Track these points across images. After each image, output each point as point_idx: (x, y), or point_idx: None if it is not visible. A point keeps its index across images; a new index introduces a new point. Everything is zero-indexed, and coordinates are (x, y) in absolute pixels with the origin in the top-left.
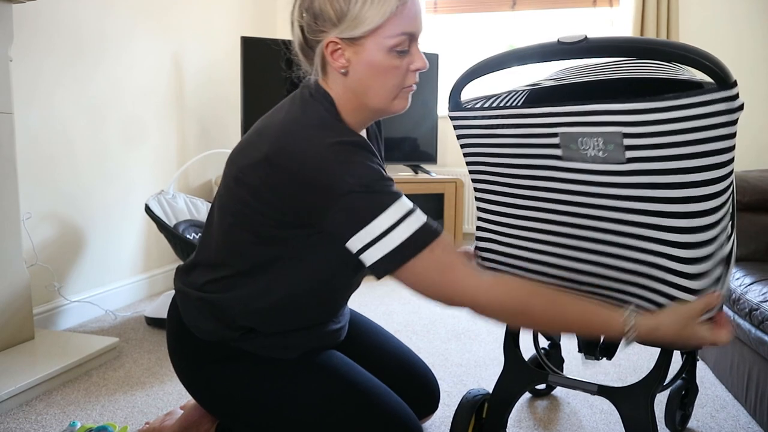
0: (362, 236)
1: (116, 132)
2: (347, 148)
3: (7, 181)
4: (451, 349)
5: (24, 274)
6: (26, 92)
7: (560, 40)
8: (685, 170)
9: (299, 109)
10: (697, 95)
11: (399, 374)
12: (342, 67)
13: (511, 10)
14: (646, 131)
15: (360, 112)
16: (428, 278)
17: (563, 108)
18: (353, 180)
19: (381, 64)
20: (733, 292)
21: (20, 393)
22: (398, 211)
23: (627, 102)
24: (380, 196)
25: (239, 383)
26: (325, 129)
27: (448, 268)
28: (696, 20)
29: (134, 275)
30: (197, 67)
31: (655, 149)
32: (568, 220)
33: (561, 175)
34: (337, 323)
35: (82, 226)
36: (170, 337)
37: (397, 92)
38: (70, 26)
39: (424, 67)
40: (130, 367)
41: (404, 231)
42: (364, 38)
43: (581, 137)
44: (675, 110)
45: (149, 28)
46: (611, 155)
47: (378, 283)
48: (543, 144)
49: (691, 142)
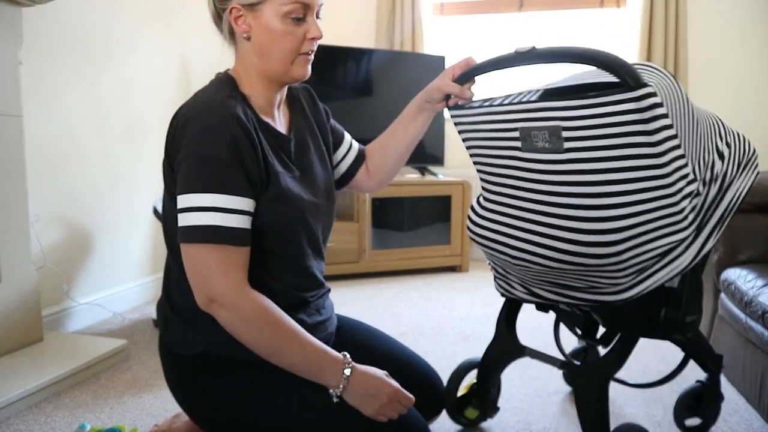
0: (182, 200)
1: (123, 134)
2: (211, 125)
3: (16, 184)
4: (459, 352)
5: (33, 277)
6: (33, 95)
7: (516, 49)
8: (608, 159)
9: (202, 89)
10: (609, 95)
11: (402, 376)
12: (244, 32)
13: (518, 12)
14: (577, 125)
15: (265, 78)
16: (195, 269)
17: (520, 106)
18: (192, 149)
19: (277, 28)
20: (744, 294)
21: (29, 395)
22: (213, 201)
23: (562, 100)
24: (207, 176)
25: (241, 396)
26: (213, 105)
27: (214, 271)
28: (704, 19)
29: (142, 277)
30: (204, 68)
31: (583, 140)
32: (527, 198)
33: (521, 164)
34: (315, 315)
35: (90, 228)
36: (164, 369)
37: (293, 57)
38: (77, 29)
39: (318, 36)
40: (138, 369)
41: (203, 219)
42: (262, 4)
43: (533, 131)
44: (593, 107)
45: (156, 30)
46: (554, 145)
47: (385, 286)
48: (508, 137)
49: (607, 135)
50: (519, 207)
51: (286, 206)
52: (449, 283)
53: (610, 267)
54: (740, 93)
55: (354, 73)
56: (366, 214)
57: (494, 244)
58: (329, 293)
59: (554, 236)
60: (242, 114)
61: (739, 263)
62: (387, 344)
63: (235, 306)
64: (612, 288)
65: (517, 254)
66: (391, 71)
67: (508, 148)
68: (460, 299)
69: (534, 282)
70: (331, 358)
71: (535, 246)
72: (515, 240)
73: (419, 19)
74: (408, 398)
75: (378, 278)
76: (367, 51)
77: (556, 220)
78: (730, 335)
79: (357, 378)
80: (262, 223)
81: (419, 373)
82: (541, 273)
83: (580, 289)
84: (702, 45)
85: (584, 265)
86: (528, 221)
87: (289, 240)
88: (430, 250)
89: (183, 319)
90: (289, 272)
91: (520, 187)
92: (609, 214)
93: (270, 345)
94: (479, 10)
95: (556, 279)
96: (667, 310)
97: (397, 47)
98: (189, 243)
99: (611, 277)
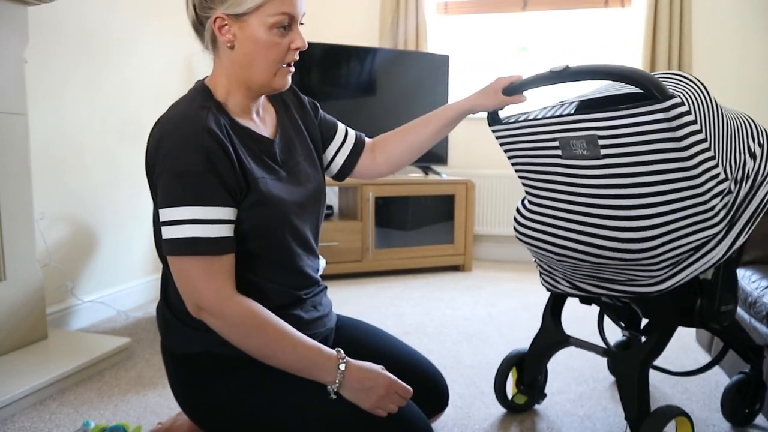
0: (163, 213)
1: (126, 132)
2: (188, 138)
3: (21, 182)
4: (463, 351)
5: (37, 275)
6: (37, 94)
7: (551, 69)
8: (641, 164)
9: (177, 102)
10: (639, 107)
11: (405, 374)
12: (228, 41)
13: (522, 11)
14: (611, 134)
15: (245, 87)
16: (181, 281)
17: (558, 119)
18: (167, 164)
19: (263, 39)
20: (749, 295)
21: (34, 392)
22: (191, 213)
23: (596, 112)
24: (183, 190)
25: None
26: (186, 118)
27: (198, 281)
28: (709, 19)
29: (146, 275)
30: (208, 67)
31: (618, 147)
32: (568, 200)
33: (562, 170)
34: (312, 311)
35: (94, 226)
36: (166, 370)
37: (277, 68)
38: (81, 28)
39: (303, 47)
40: (142, 367)
41: (183, 231)
42: (248, 15)
43: (572, 140)
44: (625, 118)
45: (159, 29)
46: (592, 152)
47: (389, 285)
48: (548, 147)
49: (639, 143)
50: (561, 208)
51: (268, 210)
52: (452, 283)
53: (645, 261)
54: (744, 93)
55: (358, 72)
56: (369, 213)
57: (539, 242)
58: (326, 290)
59: (593, 233)
60: (214, 125)
61: (743, 263)
62: (388, 343)
63: (221, 313)
64: (649, 280)
65: (560, 251)
66: (394, 70)
67: (550, 156)
68: (463, 298)
69: (577, 276)
70: (324, 355)
71: (576, 243)
72: (558, 238)
73: (423, 19)
74: (405, 389)
75: (381, 277)
76: (371, 50)
77: (595, 219)
78: None
79: (352, 373)
80: (245, 228)
81: (422, 371)
82: (583, 267)
83: (620, 282)
84: (706, 45)
85: (622, 260)
86: (569, 221)
87: (275, 242)
88: (434, 250)
89: (181, 321)
90: (280, 273)
91: (562, 191)
92: (642, 213)
93: (261, 348)
94: (483, 10)
95: (597, 273)
96: (702, 301)
97: (401, 46)
98: (172, 255)
99: (647, 269)
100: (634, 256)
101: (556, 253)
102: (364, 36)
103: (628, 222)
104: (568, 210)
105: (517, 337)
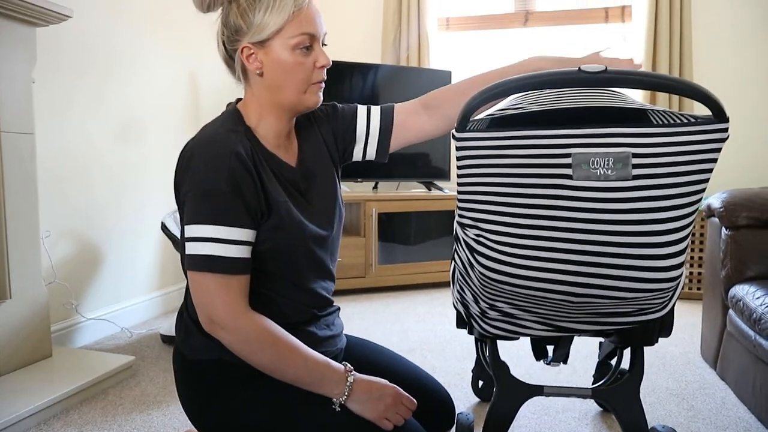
0: (188, 230)
1: (131, 150)
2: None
3: (28, 202)
4: (467, 368)
5: (43, 293)
6: (42, 112)
7: (581, 68)
8: (679, 185)
9: (208, 124)
10: (700, 125)
11: (411, 392)
12: (257, 68)
13: (524, 27)
14: (653, 152)
15: (277, 109)
16: (198, 294)
17: (578, 130)
18: (195, 183)
19: (287, 61)
20: (753, 311)
21: (38, 411)
22: (213, 232)
23: (638, 126)
24: (208, 209)
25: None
26: (215, 140)
27: (214, 296)
28: (709, 34)
29: (149, 292)
30: (213, 84)
31: (658, 167)
32: (573, 233)
33: (568, 193)
34: (325, 330)
35: (99, 243)
36: (175, 377)
37: (305, 87)
38: (83, 45)
39: (327, 64)
40: (146, 385)
41: (204, 248)
42: (271, 40)
43: (593, 157)
44: (681, 135)
45: (163, 45)
46: (620, 173)
47: (393, 301)
48: (554, 164)
49: (687, 162)
50: (569, 239)
51: (287, 233)
52: None
53: (673, 287)
54: (744, 108)
55: (360, 87)
56: (372, 228)
57: (530, 283)
58: (339, 312)
59: (622, 265)
60: (242, 149)
61: (747, 279)
62: (395, 362)
63: (233, 328)
64: (660, 306)
65: (574, 290)
66: (397, 86)
67: (554, 175)
68: None
69: (570, 316)
70: (332, 369)
71: (599, 278)
72: (567, 275)
73: (425, 34)
74: (411, 401)
75: (385, 293)
76: (374, 66)
77: (624, 249)
78: (739, 352)
79: (360, 384)
80: (264, 249)
81: (428, 390)
82: (594, 306)
83: (629, 314)
84: (707, 59)
85: (659, 290)
86: (586, 253)
87: (291, 264)
88: (437, 265)
89: (199, 327)
90: (295, 292)
91: (568, 218)
92: (676, 237)
93: (272, 362)
94: (485, 26)
95: (607, 309)
96: (664, 317)
97: (403, 62)
98: (191, 270)
99: (667, 296)
100: (670, 284)
101: (565, 293)
102: (366, 52)
103: (662, 249)
104: (580, 240)
105: (521, 354)
